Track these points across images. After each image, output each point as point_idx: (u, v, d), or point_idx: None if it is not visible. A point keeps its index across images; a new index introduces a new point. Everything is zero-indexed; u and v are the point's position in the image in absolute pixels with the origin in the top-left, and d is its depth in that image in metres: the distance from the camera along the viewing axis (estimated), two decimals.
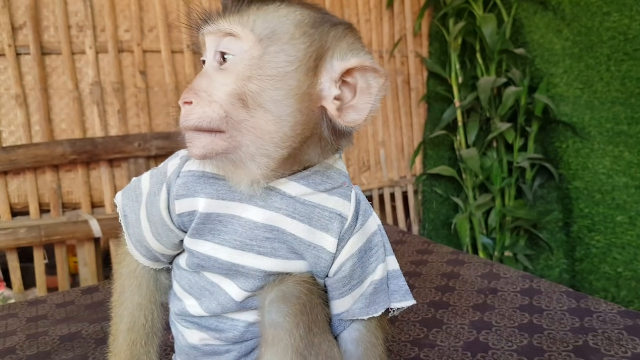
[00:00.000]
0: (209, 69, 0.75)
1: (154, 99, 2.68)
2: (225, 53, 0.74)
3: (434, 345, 1.24)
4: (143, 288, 0.92)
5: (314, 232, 0.81)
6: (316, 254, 0.82)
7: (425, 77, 3.55)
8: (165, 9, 2.68)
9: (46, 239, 2.37)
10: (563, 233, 3.01)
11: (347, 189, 0.85)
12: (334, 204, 0.83)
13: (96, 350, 1.32)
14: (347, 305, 0.85)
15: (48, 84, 2.47)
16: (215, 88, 0.72)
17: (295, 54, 0.73)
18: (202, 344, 0.90)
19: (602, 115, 2.96)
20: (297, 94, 0.73)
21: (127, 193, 0.91)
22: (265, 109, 0.72)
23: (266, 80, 0.72)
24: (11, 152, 2.33)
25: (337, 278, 0.84)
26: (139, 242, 0.89)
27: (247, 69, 0.72)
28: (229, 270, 0.83)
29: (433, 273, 1.70)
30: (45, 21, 2.46)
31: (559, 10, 3.14)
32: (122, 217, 0.90)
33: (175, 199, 0.82)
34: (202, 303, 0.87)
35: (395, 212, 3.44)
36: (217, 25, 0.74)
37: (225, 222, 0.82)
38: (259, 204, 0.80)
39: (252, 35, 0.72)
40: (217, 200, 0.81)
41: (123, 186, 2.68)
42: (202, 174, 0.82)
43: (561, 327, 1.28)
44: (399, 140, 3.46)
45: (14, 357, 1.31)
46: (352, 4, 3.26)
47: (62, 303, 1.67)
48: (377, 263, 0.85)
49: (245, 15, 0.73)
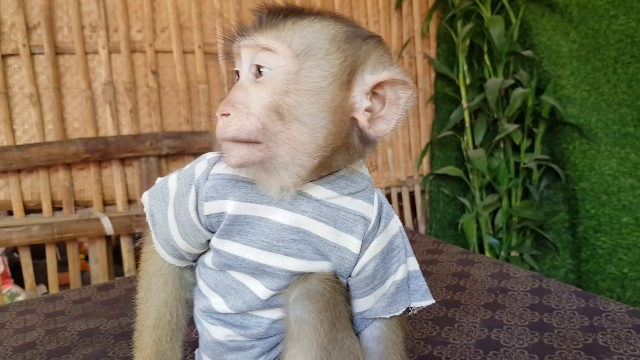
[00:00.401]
0: (245, 82, 0.78)
1: (165, 98, 2.71)
2: (262, 66, 0.77)
3: (446, 343, 1.27)
4: (169, 285, 0.95)
5: (338, 234, 0.84)
6: (340, 255, 0.85)
7: (433, 78, 3.57)
8: (177, 9, 2.71)
9: (59, 236, 2.40)
10: (569, 234, 3.03)
11: (370, 192, 0.88)
12: (358, 207, 0.86)
13: (115, 346, 1.35)
14: (370, 304, 0.88)
15: (61, 83, 2.51)
16: (252, 101, 0.75)
17: (330, 69, 0.76)
18: (227, 340, 0.93)
19: (609, 117, 2.98)
20: (332, 107, 0.76)
21: (154, 193, 0.94)
22: (301, 122, 0.75)
23: (302, 94, 0.75)
24: (25, 151, 2.36)
25: (360, 278, 0.87)
26: (166, 241, 0.91)
27: (284, 83, 0.75)
28: (255, 270, 0.86)
29: (444, 272, 1.73)
30: (59, 21, 2.50)
31: (567, 13, 3.16)
32: (149, 217, 0.93)
33: (205, 200, 0.85)
34: (227, 301, 0.90)
35: (403, 212, 3.47)
36: (254, 39, 0.76)
37: (253, 224, 0.85)
38: (286, 207, 0.83)
39: (289, 51, 0.75)
40: (245, 203, 0.84)
41: (134, 185, 2.70)
42: (231, 177, 0.85)
43: (571, 326, 1.30)
44: (406, 140, 3.49)
45: (35, 352, 1.34)
46: (361, 5, 3.29)
47: (78, 300, 1.70)
48: (399, 264, 0.89)
49: (281, 29, 0.76)
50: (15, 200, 2.42)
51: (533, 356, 1.18)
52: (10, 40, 2.40)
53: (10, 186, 2.40)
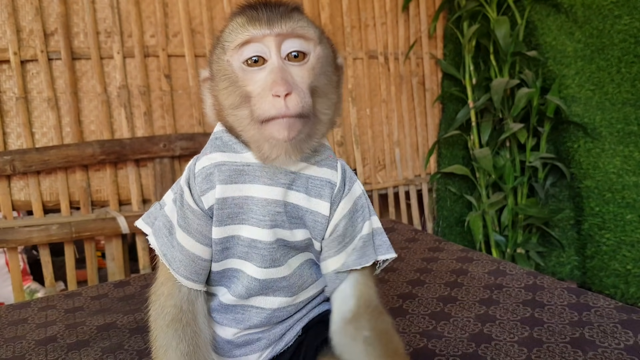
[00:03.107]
0: (283, 66, 0.87)
1: (178, 101, 2.80)
2: (299, 51, 0.88)
3: (441, 337, 1.34)
4: (187, 333, 0.96)
5: (309, 199, 0.96)
6: (313, 219, 0.96)
7: (439, 78, 3.63)
8: (189, 15, 2.79)
9: (77, 235, 2.49)
10: (574, 231, 3.08)
11: (332, 160, 1.00)
12: (324, 174, 0.98)
13: (131, 339, 1.43)
14: (342, 260, 0.99)
15: (78, 87, 2.60)
16: (299, 82, 0.87)
17: (329, 54, 0.94)
18: (235, 337, 1.02)
19: (613, 116, 3.02)
20: (335, 84, 0.96)
21: (158, 233, 1.00)
22: (327, 97, 0.92)
23: (327, 74, 0.92)
24: (44, 153, 2.45)
25: (332, 238, 0.98)
26: (186, 267, 0.96)
27: (317, 65, 0.90)
28: (248, 248, 0.95)
29: (443, 270, 1.80)
30: (75, 28, 2.59)
31: (571, 13, 3.20)
32: (162, 257, 0.99)
33: (201, 195, 0.94)
34: (230, 289, 0.99)
35: (410, 209, 3.53)
36: (288, 26, 0.87)
37: (241, 204, 0.94)
38: (266, 182, 0.94)
39: (315, 38, 0.90)
40: (229, 184, 0.94)
41: (149, 185, 2.77)
42: (214, 165, 0.95)
43: (560, 321, 1.37)
44: (414, 139, 3.55)
45: (56, 345, 1.43)
46: (369, 7, 3.35)
47: (96, 296, 1.79)
48: (364, 221, 1.00)
49: (296, 20, 0.88)
50: (34, 200, 2.51)
51: (522, 349, 1.25)
52: (29, 47, 2.49)
53: (30, 187, 2.50)
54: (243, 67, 0.88)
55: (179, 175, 1.05)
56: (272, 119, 0.84)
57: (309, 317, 1.07)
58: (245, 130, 0.90)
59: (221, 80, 0.91)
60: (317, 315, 1.08)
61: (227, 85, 0.90)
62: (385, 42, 3.41)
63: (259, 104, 0.85)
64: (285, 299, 1.01)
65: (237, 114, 0.90)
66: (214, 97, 0.96)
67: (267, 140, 0.87)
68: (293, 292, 1.01)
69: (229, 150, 0.96)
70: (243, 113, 0.89)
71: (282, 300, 1.00)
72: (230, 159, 0.95)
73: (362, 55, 3.32)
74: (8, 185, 2.47)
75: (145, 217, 1.03)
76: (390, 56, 3.42)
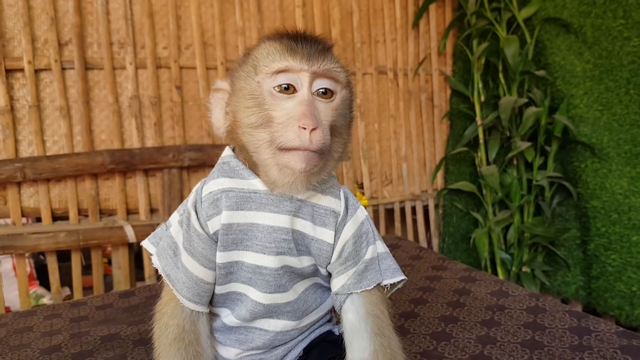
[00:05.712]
0: (312, 101, 0.90)
1: (188, 112, 2.83)
2: (328, 89, 0.92)
3: (441, 357, 1.35)
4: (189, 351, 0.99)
5: (315, 228, 0.98)
6: (319, 247, 0.99)
7: (448, 95, 3.65)
8: (202, 27, 2.82)
9: (84, 242, 2.52)
10: (580, 251, 3.08)
11: (336, 188, 1.02)
12: (328, 202, 1.00)
13: (134, 351, 1.45)
14: (342, 282, 1.01)
15: (90, 97, 2.63)
16: (322, 118, 0.90)
17: (351, 96, 0.98)
18: (237, 358, 1.04)
19: (621, 137, 3.02)
20: (349, 123, 1.00)
21: (163, 254, 1.02)
22: (342, 137, 0.95)
23: (346, 115, 0.97)
24: (54, 161, 2.49)
25: (337, 262, 1.00)
26: (189, 289, 0.99)
27: (341, 106, 0.94)
28: (252, 274, 0.97)
29: (446, 289, 1.80)
30: (89, 38, 2.63)
31: (581, 34, 3.21)
32: (166, 277, 1.01)
33: (207, 220, 0.96)
34: (234, 312, 1.00)
35: (416, 225, 3.54)
36: (324, 66, 0.91)
37: (246, 230, 0.96)
38: (272, 210, 0.95)
39: (344, 81, 0.94)
40: (235, 211, 0.96)
41: (157, 195, 2.80)
42: (221, 190, 0.97)
43: (561, 344, 1.37)
44: (421, 155, 3.57)
45: (60, 355, 1.44)
46: (379, 24, 3.38)
47: (101, 305, 1.81)
48: (368, 246, 1.02)
49: (330, 61, 0.92)
50: (43, 207, 2.54)
51: None
52: (43, 56, 2.53)
53: (39, 194, 2.53)
54: (273, 91, 0.90)
55: (187, 185, 1.08)
56: (293, 149, 0.86)
57: (311, 338, 1.09)
58: (258, 152, 0.91)
59: (245, 99, 0.92)
60: (318, 336, 1.09)
61: (251, 105, 0.91)
62: (395, 58, 3.44)
63: (282, 131, 0.87)
64: (289, 322, 1.02)
65: (255, 134, 0.91)
66: (231, 111, 0.96)
67: (280, 168, 0.89)
68: (297, 317, 1.03)
69: (236, 176, 0.98)
70: (261, 135, 0.90)
71: (287, 323, 1.02)
72: (237, 186, 0.96)
73: (372, 70, 3.34)
74: (18, 191, 2.50)
75: (152, 237, 1.05)
76: (399, 72, 3.44)
